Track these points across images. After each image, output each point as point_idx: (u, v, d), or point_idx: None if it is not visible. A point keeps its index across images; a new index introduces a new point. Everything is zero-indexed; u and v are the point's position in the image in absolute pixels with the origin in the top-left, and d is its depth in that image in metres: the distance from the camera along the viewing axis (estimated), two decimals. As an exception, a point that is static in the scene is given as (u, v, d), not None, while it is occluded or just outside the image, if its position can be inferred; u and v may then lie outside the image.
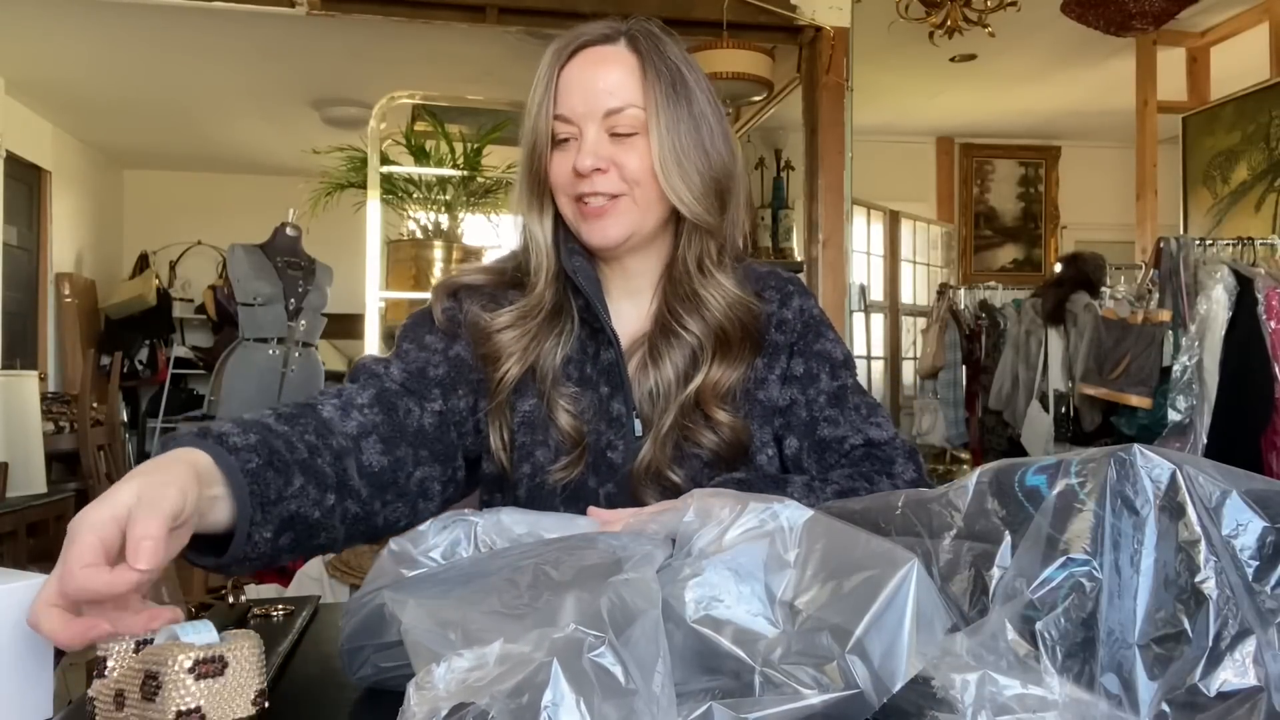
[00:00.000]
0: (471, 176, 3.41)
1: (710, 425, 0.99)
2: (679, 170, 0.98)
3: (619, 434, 1.00)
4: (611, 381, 1.01)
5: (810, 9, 3.55)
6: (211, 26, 4.21)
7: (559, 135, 0.98)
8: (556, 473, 0.98)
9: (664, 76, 0.98)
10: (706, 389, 0.99)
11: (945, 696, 0.52)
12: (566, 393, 1.00)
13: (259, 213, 4.90)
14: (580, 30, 1.00)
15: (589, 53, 0.99)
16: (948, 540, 0.62)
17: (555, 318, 1.02)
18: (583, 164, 0.96)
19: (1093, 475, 0.56)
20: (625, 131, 0.97)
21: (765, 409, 1.03)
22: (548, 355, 1.00)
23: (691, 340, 1.00)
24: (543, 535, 0.75)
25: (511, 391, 1.00)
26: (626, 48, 0.99)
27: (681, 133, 0.98)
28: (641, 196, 0.99)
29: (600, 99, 0.97)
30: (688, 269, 1.02)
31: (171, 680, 0.59)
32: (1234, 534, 0.53)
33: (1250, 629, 0.51)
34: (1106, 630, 0.52)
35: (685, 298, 1.02)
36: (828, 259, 3.56)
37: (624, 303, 1.06)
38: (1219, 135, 4.50)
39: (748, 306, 1.02)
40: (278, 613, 0.97)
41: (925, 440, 4.94)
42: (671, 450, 0.98)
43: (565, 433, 0.99)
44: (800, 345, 1.05)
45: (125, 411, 6.34)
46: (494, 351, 1.00)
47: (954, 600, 0.59)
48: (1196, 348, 3.15)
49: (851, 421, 1.02)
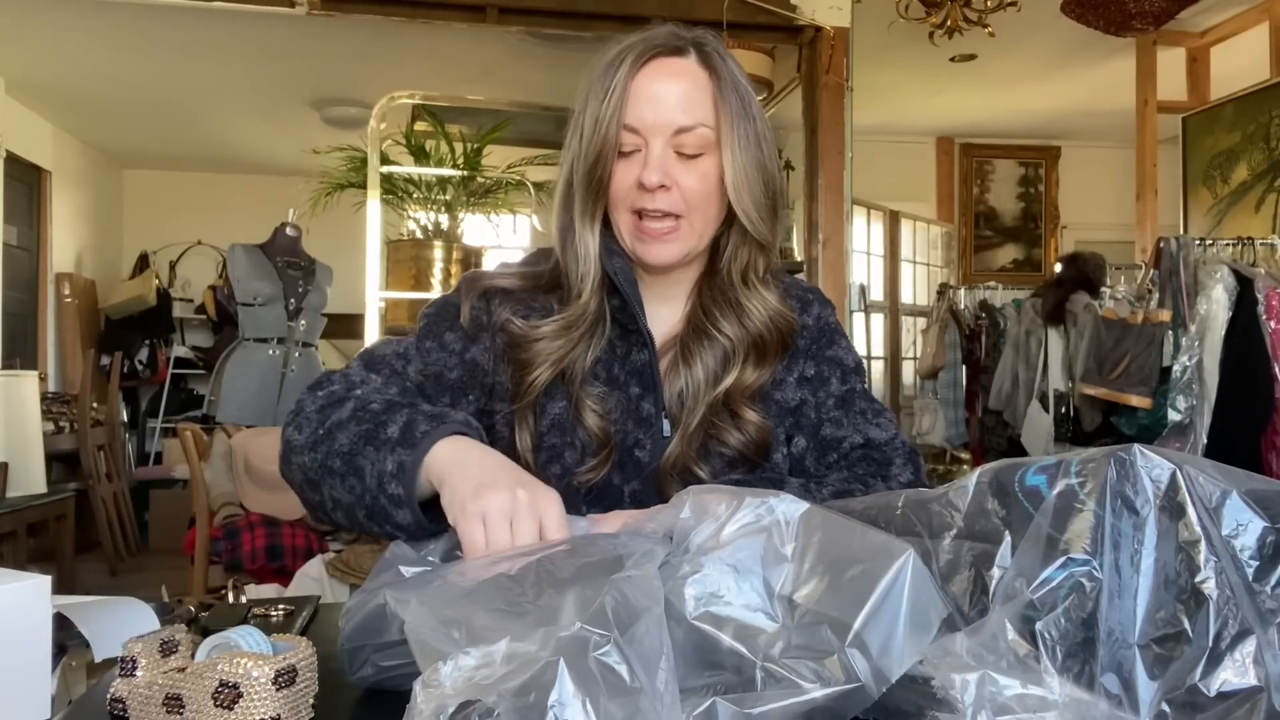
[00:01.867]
0: (471, 176, 3.41)
1: (737, 424, 1.00)
2: (748, 189, 0.99)
3: (647, 433, 1.00)
4: (643, 382, 1.01)
5: (810, 9, 3.55)
6: (211, 26, 4.21)
7: (625, 147, 0.97)
8: (583, 474, 0.98)
9: (735, 95, 0.98)
10: (736, 390, 1.00)
11: (945, 696, 0.52)
12: (594, 393, 1.00)
13: (259, 213, 4.91)
14: (649, 37, 0.98)
15: (662, 64, 0.97)
16: (948, 540, 0.62)
17: (592, 329, 1.01)
18: (650, 179, 0.95)
19: (1093, 475, 0.56)
20: (691, 152, 0.97)
21: (780, 409, 1.04)
22: (579, 359, 1.00)
23: (725, 343, 1.02)
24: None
25: (541, 394, 1.00)
26: (698, 63, 0.99)
27: (750, 153, 0.98)
28: (698, 220, 0.99)
29: (673, 114, 0.96)
30: (731, 279, 1.03)
31: (253, 690, 0.61)
32: (1234, 534, 0.54)
33: (1250, 629, 0.51)
34: (1106, 630, 0.52)
35: (725, 304, 1.03)
36: (828, 259, 3.56)
37: (659, 306, 1.06)
38: (1219, 135, 4.50)
39: (787, 318, 1.04)
40: (278, 613, 0.97)
41: (925, 440, 4.94)
42: (698, 447, 0.99)
43: (592, 433, 0.99)
44: (814, 350, 1.08)
45: (125, 411, 6.34)
46: (530, 358, 0.99)
47: (954, 600, 0.59)
48: (1196, 348, 3.15)
49: (854, 423, 1.04)
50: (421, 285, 3.25)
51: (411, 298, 3.25)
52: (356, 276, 3.29)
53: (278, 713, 0.62)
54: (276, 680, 0.62)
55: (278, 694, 0.62)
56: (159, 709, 0.64)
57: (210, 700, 0.61)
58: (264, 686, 0.61)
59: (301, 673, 0.64)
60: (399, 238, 3.43)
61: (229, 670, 0.61)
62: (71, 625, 0.86)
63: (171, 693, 0.64)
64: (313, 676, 0.66)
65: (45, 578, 0.78)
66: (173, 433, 5.90)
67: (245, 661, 0.61)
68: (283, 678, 0.62)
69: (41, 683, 0.75)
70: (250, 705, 0.61)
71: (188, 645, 0.69)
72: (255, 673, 0.61)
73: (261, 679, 0.61)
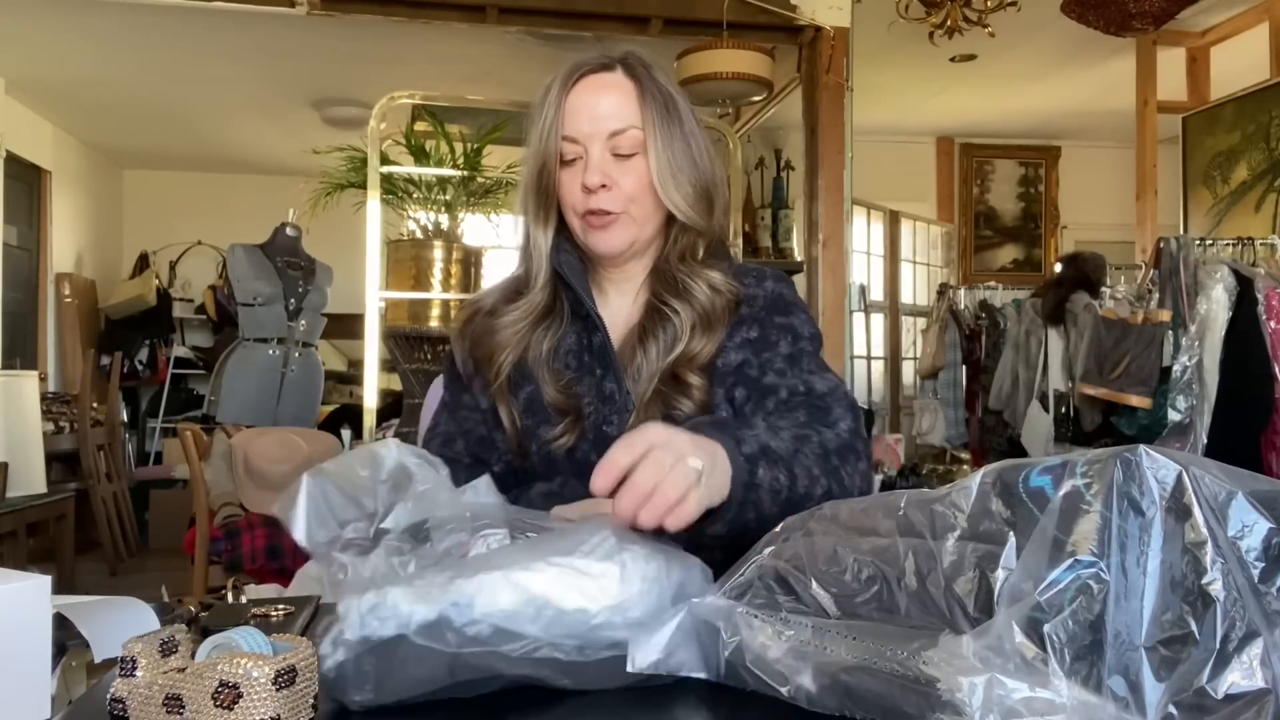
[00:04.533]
0: (471, 176, 3.40)
1: (685, 392, 1.09)
2: (674, 181, 1.10)
3: (613, 410, 1.10)
4: (604, 364, 1.12)
5: (810, 9, 3.55)
6: (211, 26, 4.21)
7: (567, 156, 1.10)
8: (554, 441, 1.10)
9: (658, 100, 1.10)
10: (684, 359, 1.09)
11: (952, 700, 0.52)
12: (553, 372, 1.12)
13: (259, 213, 4.90)
14: (580, 60, 1.12)
15: (591, 80, 1.11)
16: (951, 541, 0.61)
17: (547, 314, 1.14)
18: (590, 180, 1.07)
19: (1098, 476, 0.56)
20: (626, 152, 1.09)
21: (720, 373, 1.12)
22: (536, 344, 1.13)
23: (676, 321, 1.11)
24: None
25: (511, 381, 1.13)
26: (624, 75, 1.11)
27: (675, 149, 1.10)
28: (638, 211, 1.11)
29: (604, 121, 1.09)
30: (671, 263, 1.14)
31: (252, 690, 0.61)
32: (1240, 535, 0.53)
33: (1257, 630, 0.51)
34: (1113, 632, 0.52)
35: (672, 285, 1.13)
36: (828, 259, 3.56)
37: (615, 297, 1.18)
38: (1219, 135, 4.50)
39: (731, 288, 1.14)
40: (278, 613, 0.97)
41: (925, 440, 4.94)
42: (658, 418, 1.06)
43: (555, 405, 1.11)
44: (762, 316, 1.14)
45: (125, 411, 6.34)
46: (494, 345, 1.13)
47: (958, 601, 0.59)
48: (1196, 348, 3.15)
49: (798, 374, 1.10)
50: (421, 285, 3.24)
51: (411, 298, 3.24)
52: (356, 276, 3.29)
53: (278, 713, 0.62)
54: (276, 680, 0.62)
55: (278, 694, 0.62)
56: (159, 709, 0.64)
57: (210, 700, 0.61)
58: (264, 687, 0.61)
59: (301, 673, 0.64)
60: (399, 238, 3.42)
61: (229, 670, 0.61)
62: (71, 625, 0.86)
63: (171, 693, 0.63)
64: (313, 677, 0.66)
65: (45, 578, 0.77)
66: (173, 433, 5.90)
67: (245, 661, 0.61)
68: (283, 678, 0.62)
69: (41, 683, 0.75)
70: (250, 705, 0.61)
71: (188, 645, 0.69)
72: (255, 673, 0.61)
73: (261, 679, 0.61)
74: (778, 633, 0.66)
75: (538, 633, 0.67)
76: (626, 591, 0.69)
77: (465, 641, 0.66)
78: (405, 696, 0.69)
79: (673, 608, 0.71)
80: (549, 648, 0.67)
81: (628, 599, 0.69)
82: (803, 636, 0.65)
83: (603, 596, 0.68)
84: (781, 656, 0.65)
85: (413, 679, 0.68)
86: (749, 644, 0.67)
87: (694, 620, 0.71)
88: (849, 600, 0.65)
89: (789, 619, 0.66)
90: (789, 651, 0.65)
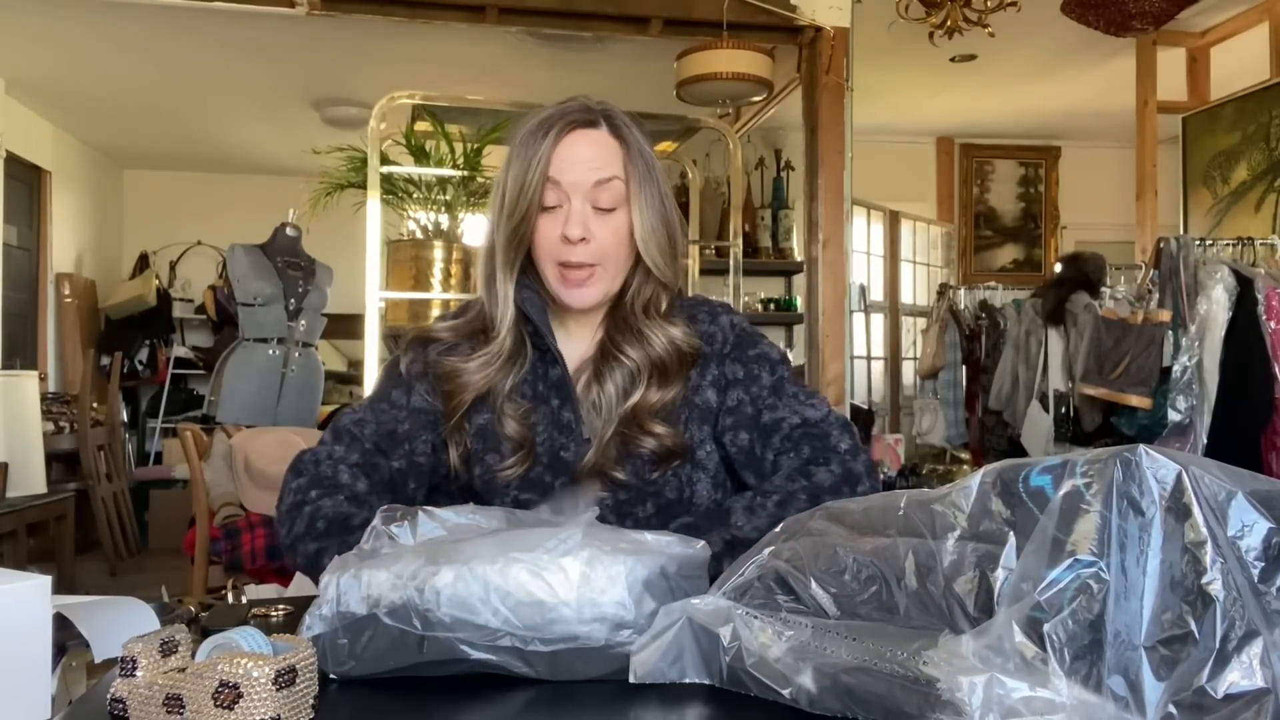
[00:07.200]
0: (471, 176, 3.40)
1: (645, 433, 1.14)
2: (654, 239, 1.16)
3: (569, 437, 1.15)
4: (560, 394, 1.17)
5: (810, 9, 3.55)
6: (211, 26, 4.21)
7: (548, 202, 1.12)
8: (506, 471, 1.14)
9: (641, 159, 1.15)
10: (643, 408, 1.14)
11: (951, 699, 0.52)
12: (514, 405, 1.17)
13: (259, 213, 4.89)
14: (565, 111, 1.14)
15: (579, 134, 1.14)
16: (951, 541, 0.61)
17: (513, 357, 1.18)
18: (572, 231, 1.11)
19: (1098, 476, 0.56)
20: (606, 206, 1.13)
21: (703, 410, 1.18)
22: (500, 382, 1.17)
23: (630, 364, 1.16)
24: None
25: (468, 412, 1.17)
26: (609, 133, 1.15)
27: (654, 209, 1.15)
28: (612, 266, 1.16)
29: (592, 172, 1.12)
30: (634, 310, 1.19)
31: (253, 690, 0.61)
32: (1240, 535, 0.53)
33: (1257, 630, 0.51)
34: (1113, 632, 0.52)
35: (629, 332, 1.18)
36: (828, 259, 3.55)
37: (574, 332, 1.22)
38: (1219, 135, 4.50)
39: (689, 343, 1.19)
40: (278, 613, 0.97)
41: (925, 440, 4.93)
42: (616, 453, 1.13)
43: (512, 438, 1.15)
44: (735, 353, 1.20)
45: (125, 411, 6.34)
46: (456, 389, 1.17)
47: (958, 601, 0.59)
48: (1196, 348, 3.15)
49: (789, 405, 1.17)
50: (421, 285, 3.24)
51: (411, 298, 3.24)
52: (356, 276, 3.28)
53: (278, 713, 0.62)
54: (276, 680, 0.62)
55: (278, 694, 0.62)
56: (159, 709, 0.64)
57: (210, 700, 0.62)
58: (264, 687, 0.61)
59: (301, 673, 0.64)
60: (399, 238, 3.42)
61: (229, 670, 0.61)
62: (71, 625, 0.86)
63: (171, 693, 0.64)
64: (313, 677, 0.66)
65: (45, 578, 0.77)
66: (173, 433, 5.89)
67: (245, 662, 0.62)
68: (283, 678, 0.62)
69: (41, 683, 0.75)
70: (250, 705, 0.61)
71: (188, 645, 0.69)
72: (255, 673, 0.61)
73: (261, 679, 0.61)
74: (778, 633, 0.66)
75: (498, 624, 0.71)
76: (586, 587, 0.72)
77: (430, 625, 0.72)
78: (380, 670, 0.74)
79: (664, 612, 0.72)
80: (509, 637, 0.72)
81: (587, 595, 0.72)
82: (803, 637, 0.65)
83: (562, 591, 0.72)
84: (782, 656, 0.65)
85: (386, 655, 0.73)
86: (749, 645, 0.67)
87: (694, 626, 0.71)
88: (849, 600, 0.66)
89: (789, 619, 0.67)
90: (789, 651, 0.65)
